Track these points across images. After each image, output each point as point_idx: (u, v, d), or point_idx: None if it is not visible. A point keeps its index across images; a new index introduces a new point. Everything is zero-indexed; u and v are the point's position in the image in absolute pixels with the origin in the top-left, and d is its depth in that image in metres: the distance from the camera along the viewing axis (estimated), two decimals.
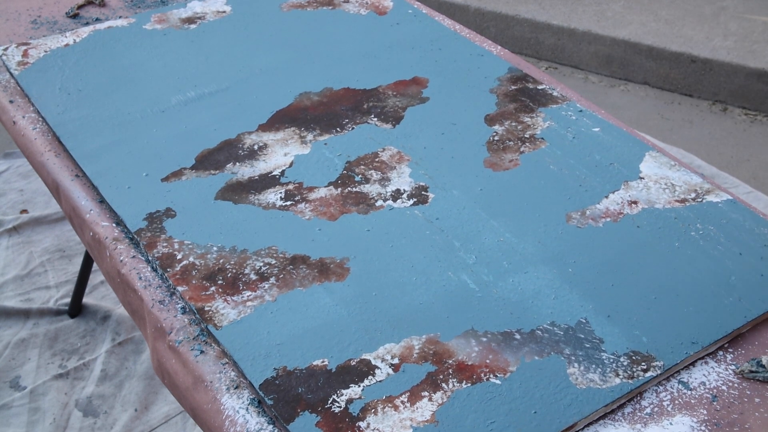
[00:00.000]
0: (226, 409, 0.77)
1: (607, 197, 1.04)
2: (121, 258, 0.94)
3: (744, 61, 2.60)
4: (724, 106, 2.66)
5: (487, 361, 0.81)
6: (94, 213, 1.01)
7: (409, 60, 1.32)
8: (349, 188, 1.04)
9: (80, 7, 1.48)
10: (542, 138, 1.14)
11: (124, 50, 1.33)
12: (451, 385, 0.79)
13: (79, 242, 1.92)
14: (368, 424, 0.75)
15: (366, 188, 1.04)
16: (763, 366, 0.81)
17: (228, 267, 0.92)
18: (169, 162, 1.08)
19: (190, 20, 1.42)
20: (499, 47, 1.39)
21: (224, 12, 1.45)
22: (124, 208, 1.00)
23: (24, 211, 2.10)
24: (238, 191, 1.03)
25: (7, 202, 2.13)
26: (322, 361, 0.81)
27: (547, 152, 1.12)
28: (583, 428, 0.76)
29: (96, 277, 1.85)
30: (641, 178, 1.07)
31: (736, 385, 0.81)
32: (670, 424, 0.77)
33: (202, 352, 0.83)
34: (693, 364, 0.83)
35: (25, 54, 1.30)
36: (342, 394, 0.78)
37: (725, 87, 2.65)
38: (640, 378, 0.80)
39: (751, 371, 0.81)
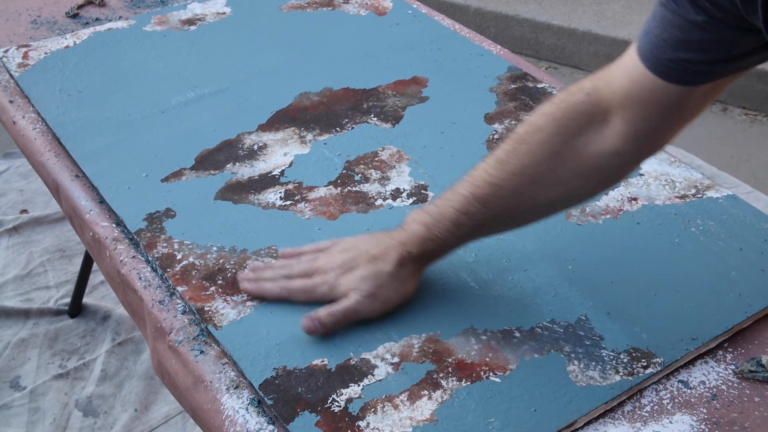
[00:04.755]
0: (225, 409, 0.77)
1: (606, 194, 1.04)
2: (121, 258, 0.94)
3: None
4: (724, 106, 2.66)
5: (487, 359, 0.81)
6: (94, 213, 1.01)
7: (409, 60, 1.32)
8: (348, 187, 1.04)
9: (80, 7, 1.48)
10: None
11: (124, 52, 1.33)
12: (450, 384, 0.79)
13: (79, 242, 1.92)
14: (368, 423, 0.75)
15: (366, 187, 1.04)
16: (762, 366, 0.81)
17: (228, 267, 0.92)
18: (169, 162, 1.08)
19: (190, 21, 1.42)
20: (499, 47, 1.39)
21: (224, 13, 1.45)
22: (124, 208, 1.00)
23: (24, 211, 2.10)
24: (237, 191, 1.03)
25: (7, 202, 2.13)
26: (322, 361, 0.81)
27: None
28: (582, 426, 0.76)
29: (96, 277, 1.85)
30: (641, 174, 1.07)
31: (735, 384, 0.81)
32: (670, 422, 0.77)
33: (201, 352, 0.83)
34: (693, 363, 0.83)
35: (25, 56, 1.30)
36: (342, 394, 0.77)
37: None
38: (640, 375, 0.80)
39: (751, 371, 0.81)
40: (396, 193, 1.03)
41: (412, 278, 0.86)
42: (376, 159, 1.10)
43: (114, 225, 0.99)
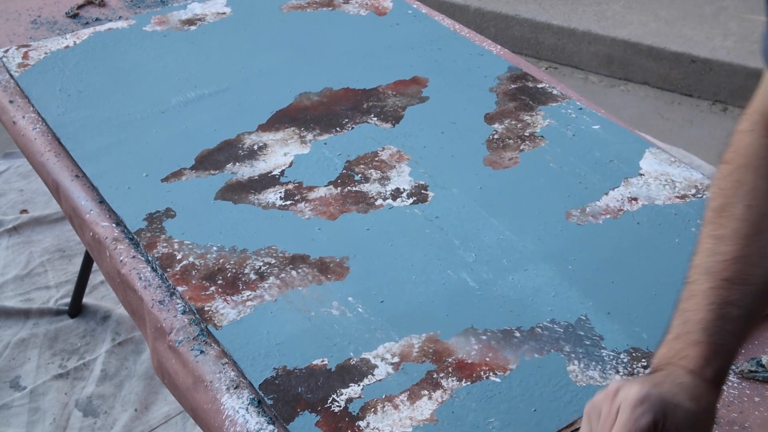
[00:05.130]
0: (226, 409, 0.77)
1: (606, 194, 1.04)
2: (121, 258, 0.94)
3: (744, 61, 2.60)
4: (724, 106, 2.66)
5: (487, 359, 0.81)
6: (94, 213, 1.01)
7: (409, 60, 1.32)
8: (348, 187, 1.04)
9: (80, 7, 1.48)
10: (542, 136, 1.14)
11: (124, 52, 1.33)
12: (450, 384, 0.79)
13: (79, 242, 1.92)
14: (368, 423, 0.75)
15: (366, 187, 1.04)
16: (762, 366, 0.81)
17: (228, 267, 0.92)
18: (169, 162, 1.08)
19: (190, 22, 1.42)
20: (499, 47, 1.39)
21: (224, 13, 1.45)
22: (124, 208, 1.00)
23: (24, 211, 2.10)
24: (237, 191, 1.03)
25: (7, 202, 2.13)
26: (322, 361, 0.81)
27: (547, 150, 1.12)
28: None
29: (96, 277, 1.85)
30: (641, 174, 1.07)
31: (735, 384, 0.81)
32: None
33: (202, 352, 0.83)
34: None
35: (25, 56, 1.30)
36: (342, 394, 0.77)
37: (725, 87, 2.65)
38: (640, 375, 0.80)
39: (751, 371, 0.81)
40: (396, 193, 1.03)
41: (713, 411, 0.67)
42: (376, 159, 1.10)
43: (114, 225, 0.99)
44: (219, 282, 0.90)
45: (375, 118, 1.18)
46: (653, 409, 0.61)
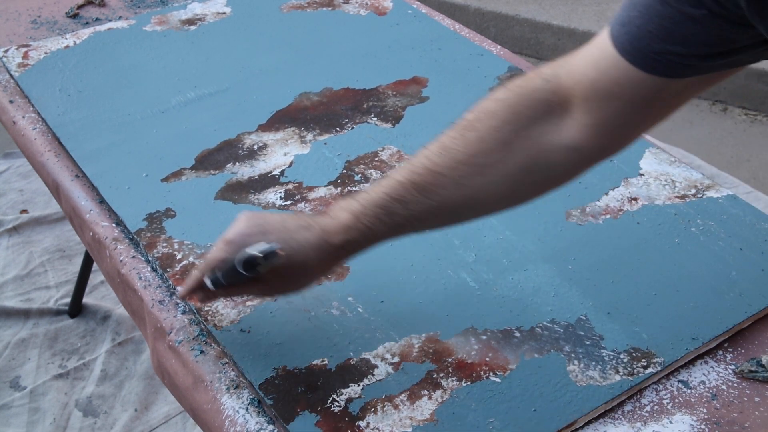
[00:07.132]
0: (226, 408, 0.77)
1: (606, 194, 1.04)
2: (121, 258, 0.94)
3: None
4: (724, 106, 2.66)
5: (487, 359, 0.81)
6: (94, 213, 1.01)
7: (409, 60, 1.32)
8: (348, 187, 1.04)
9: (80, 7, 1.48)
10: None
11: (124, 52, 1.33)
12: (450, 384, 0.79)
13: (79, 242, 1.92)
14: (368, 423, 0.75)
15: (366, 187, 1.04)
16: (762, 366, 0.81)
17: None
18: (169, 162, 1.08)
19: (190, 21, 1.42)
20: (499, 47, 1.39)
21: (224, 13, 1.45)
22: (124, 208, 1.00)
23: (24, 211, 2.10)
24: (237, 191, 1.03)
25: (7, 202, 2.13)
26: (322, 361, 0.81)
27: None
28: (582, 426, 0.76)
29: (96, 277, 1.85)
30: (641, 174, 1.07)
31: (735, 384, 0.81)
32: (670, 422, 0.77)
33: (201, 352, 0.83)
34: (693, 363, 0.83)
35: (25, 56, 1.30)
36: (342, 394, 0.78)
37: (725, 87, 2.65)
38: (640, 375, 0.80)
39: (751, 371, 0.81)
40: None
41: (323, 269, 0.78)
42: (376, 159, 1.10)
43: (114, 225, 0.99)
44: None
45: (375, 118, 1.18)
46: (231, 251, 0.74)
